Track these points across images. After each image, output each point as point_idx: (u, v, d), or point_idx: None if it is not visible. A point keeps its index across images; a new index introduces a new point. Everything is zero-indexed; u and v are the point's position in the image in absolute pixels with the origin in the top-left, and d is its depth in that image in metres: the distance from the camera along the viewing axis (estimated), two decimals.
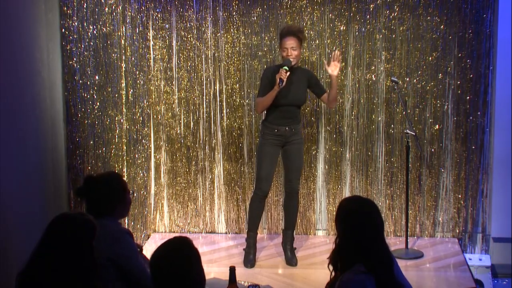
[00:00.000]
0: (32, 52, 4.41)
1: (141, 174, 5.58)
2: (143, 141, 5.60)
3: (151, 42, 5.64)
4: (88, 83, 5.00)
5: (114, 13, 5.21)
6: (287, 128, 4.90)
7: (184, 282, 2.58)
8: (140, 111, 5.54)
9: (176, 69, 5.68)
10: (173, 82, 5.69)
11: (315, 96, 5.14)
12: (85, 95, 4.99)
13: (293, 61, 4.77)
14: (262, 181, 4.96)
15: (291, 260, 5.03)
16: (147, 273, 3.35)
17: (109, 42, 5.16)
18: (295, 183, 5.03)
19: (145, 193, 5.64)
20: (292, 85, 4.82)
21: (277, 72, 4.77)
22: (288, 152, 4.98)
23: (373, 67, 5.54)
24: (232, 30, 5.60)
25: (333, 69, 4.80)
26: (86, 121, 5.00)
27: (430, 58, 5.48)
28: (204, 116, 5.71)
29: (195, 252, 2.66)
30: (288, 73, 4.71)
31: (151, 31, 5.62)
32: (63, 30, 4.86)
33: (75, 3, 4.88)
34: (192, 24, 5.61)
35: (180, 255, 2.61)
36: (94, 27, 5.02)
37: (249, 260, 5.01)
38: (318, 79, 5.14)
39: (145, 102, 5.61)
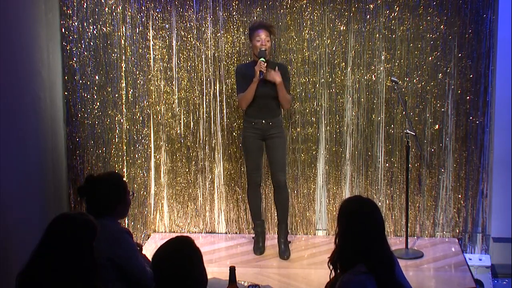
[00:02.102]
0: (32, 52, 4.40)
1: (141, 174, 5.58)
2: (143, 141, 5.60)
3: (151, 42, 5.64)
4: (88, 83, 5.00)
5: (114, 13, 5.21)
6: (263, 121, 5.01)
7: (186, 282, 2.57)
8: (140, 111, 5.54)
9: (176, 69, 5.68)
10: (173, 82, 5.69)
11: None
12: (85, 95, 4.98)
13: (266, 51, 4.93)
14: (252, 172, 5.15)
15: (283, 253, 5.11)
16: (147, 273, 3.36)
17: (109, 42, 5.16)
18: (281, 176, 5.11)
19: (145, 193, 5.64)
20: (265, 78, 4.92)
21: (249, 66, 4.99)
22: (270, 147, 5.09)
23: (373, 67, 5.54)
24: (232, 30, 5.60)
25: (271, 77, 4.91)
26: (86, 121, 4.99)
27: (430, 58, 5.48)
28: (204, 116, 5.71)
29: (197, 252, 2.66)
30: (265, 64, 4.87)
31: (151, 31, 5.62)
32: (63, 30, 4.85)
33: (75, 3, 4.87)
34: (192, 24, 5.61)
35: (182, 255, 2.61)
36: (94, 27, 5.02)
37: (258, 247, 5.23)
38: (288, 78, 5.14)
39: (145, 102, 5.61)
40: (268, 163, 5.23)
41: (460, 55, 5.45)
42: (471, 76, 5.45)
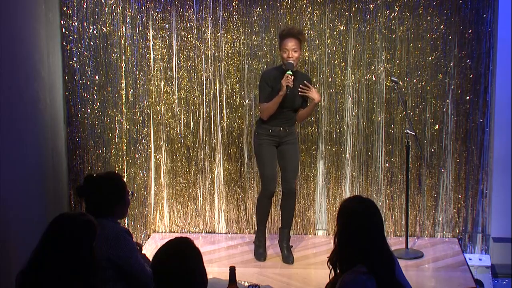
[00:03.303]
0: (32, 52, 4.40)
1: (141, 174, 5.58)
2: (143, 141, 5.60)
3: (151, 42, 5.64)
4: (88, 83, 5.00)
5: (114, 13, 5.21)
6: (281, 128, 4.94)
7: (186, 282, 2.57)
8: (140, 111, 5.54)
9: (176, 69, 5.68)
10: (173, 82, 5.69)
11: None
12: (85, 95, 4.98)
13: (293, 63, 4.79)
14: (269, 181, 5.00)
15: (287, 258, 5.06)
16: (147, 272, 3.36)
17: (109, 42, 5.16)
18: (292, 183, 5.04)
19: (145, 193, 5.64)
20: (291, 90, 4.82)
21: (277, 76, 4.84)
22: (284, 152, 5.00)
23: (373, 67, 5.54)
24: (232, 30, 5.60)
25: (315, 96, 4.87)
26: (86, 121, 4.99)
27: (430, 58, 5.48)
28: (204, 116, 5.71)
29: (196, 252, 2.65)
30: (293, 77, 4.74)
31: (151, 31, 5.62)
32: (63, 30, 4.85)
33: (75, 3, 4.87)
34: (192, 24, 5.61)
35: (182, 255, 2.60)
36: (94, 27, 5.02)
37: (260, 253, 5.13)
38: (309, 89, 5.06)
39: (145, 102, 5.61)
40: (281, 169, 5.10)
41: (460, 55, 5.45)
42: (471, 76, 5.45)
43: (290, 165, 5.01)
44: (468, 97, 5.48)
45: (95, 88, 5.06)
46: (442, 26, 5.44)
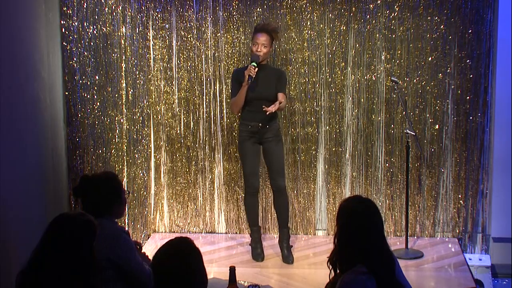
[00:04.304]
0: (32, 52, 4.40)
1: (141, 174, 5.58)
2: (143, 141, 5.60)
3: (151, 42, 5.64)
4: (88, 83, 5.00)
5: (114, 13, 5.21)
6: (260, 124, 4.94)
7: (186, 282, 2.57)
8: (140, 111, 5.54)
9: (176, 69, 5.68)
10: (173, 82, 5.69)
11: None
12: (85, 95, 4.98)
13: (260, 57, 4.83)
14: (249, 177, 5.04)
15: (287, 257, 5.05)
16: (146, 271, 3.37)
17: (109, 42, 5.16)
18: (280, 181, 5.05)
19: (145, 193, 5.64)
20: (260, 80, 4.87)
21: (244, 71, 4.88)
22: (266, 151, 5.03)
23: (373, 67, 5.54)
24: (232, 30, 5.60)
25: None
26: (86, 121, 4.99)
27: (430, 58, 5.48)
28: (204, 116, 5.72)
29: (196, 252, 2.66)
30: (257, 69, 4.79)
31: (151, 31, 5.62)
32: (63, 30, 4.85)
33: (75, 3, 4.87)
34: (192, 24, 5.61)
35: (182, 255, 2.60)
36: (94, 27, 5.02)
37: (258, 254, 5.11)
38: (285, 82, 5.03)
39: (145, 102, 5.61)
40: (266, 168, 5.16)
41: (460, 55, 5.45)
42: (471, 76, 5.45)
43: (274, 164, 5.02)
44: (468, 97, 5.48)
45: (95, 88, 5.06)
46: (442, 26, 5.44)
